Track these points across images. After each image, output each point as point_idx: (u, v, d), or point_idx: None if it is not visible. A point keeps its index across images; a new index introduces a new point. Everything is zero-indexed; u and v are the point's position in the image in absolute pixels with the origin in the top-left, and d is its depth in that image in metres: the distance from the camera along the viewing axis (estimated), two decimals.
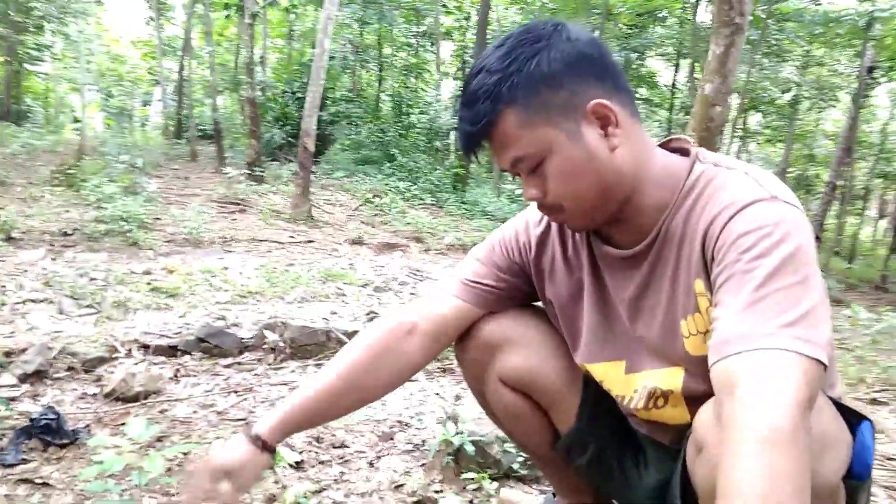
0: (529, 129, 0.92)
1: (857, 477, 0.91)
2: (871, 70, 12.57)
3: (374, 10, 17.09)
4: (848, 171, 14.85)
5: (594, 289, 1.10)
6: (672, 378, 1.02)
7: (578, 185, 0.94)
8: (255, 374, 2.73)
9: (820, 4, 13.47)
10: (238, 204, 8.34)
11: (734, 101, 14.20)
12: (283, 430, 1.11)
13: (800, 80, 15.81)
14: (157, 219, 6.60)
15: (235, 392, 2.52)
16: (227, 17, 13.85)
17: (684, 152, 1.02)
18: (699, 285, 0.94)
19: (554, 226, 1.14)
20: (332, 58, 13.18)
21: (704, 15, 13.71)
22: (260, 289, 3.76)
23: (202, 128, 15.53)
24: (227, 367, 2.77)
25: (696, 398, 0.96)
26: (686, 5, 14.77)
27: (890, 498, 2.47)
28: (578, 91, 0.92)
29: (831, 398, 0.92)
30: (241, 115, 16.78)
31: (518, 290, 1.19)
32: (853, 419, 0.92)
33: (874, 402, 3.49)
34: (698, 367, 0.96)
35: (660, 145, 1.04)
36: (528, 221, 1.18)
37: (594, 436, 1.21)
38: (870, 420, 0.94)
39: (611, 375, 1.11)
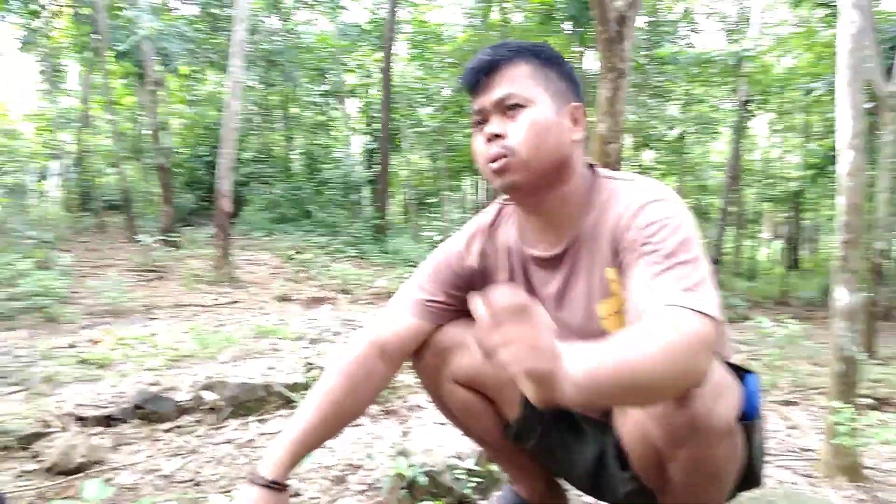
0: (530, 81, 1.14)
1: (748, 417, 1.10)
2: (746, 103, 13.77)
3: (277, 71, 17.21)
4: (737, 197, 16.00)
5: (523, 287, 1.26)
6: None
7: (540, 141, 1.13)
8: (197, 436, 2.71)
9: (693, 47, 14.70)
10: (156, 271, 8.12)
11: (628, 139, 15.10)
12: (290, 465, 1.21)
13: (683, 117, 17.00)
14: (75, 292, 6.35)
15: (179, 455, 2.50)
16: (127, 85, 13.62)
17: (591, 167, 1.24)
18: (610, 273, 1.14)
19: (489, 241, 1.32)
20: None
21: (590, 63, 14.66)
22: (191, 352, 3.71)
23: (107, 198, 15.01)
24: (167, 431, 2.74)
25: None
26: (573, 54, 15.72)
27: (809, 484, 2.73)
28: (570, 92, 1.18)
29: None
30: (146, 182, 16.35)
31: (464, 302, 1.32)
32: (740, 373, 1.11)
33: (787, 403, 3.73)
34: None
35: None
36: (467, 240, 1.35)
37: (538, 420, 1.34)
38: (754, 372, 1.13)
39: None
